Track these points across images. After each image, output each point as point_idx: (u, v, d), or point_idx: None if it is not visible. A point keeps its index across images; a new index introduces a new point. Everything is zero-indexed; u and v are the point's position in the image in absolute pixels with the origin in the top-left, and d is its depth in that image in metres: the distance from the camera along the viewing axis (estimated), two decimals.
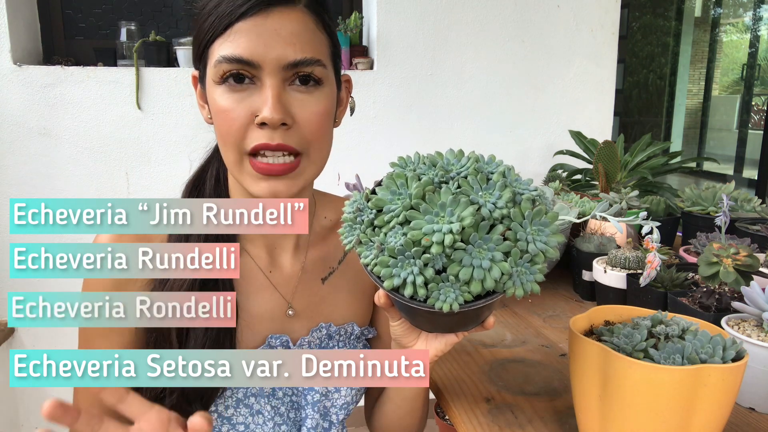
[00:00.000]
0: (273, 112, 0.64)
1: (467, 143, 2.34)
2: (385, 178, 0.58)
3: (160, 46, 2.08)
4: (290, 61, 0.66)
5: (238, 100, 0.66)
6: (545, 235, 0.53)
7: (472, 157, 0.58)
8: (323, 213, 0.85)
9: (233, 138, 0.67)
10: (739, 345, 0.61)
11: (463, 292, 0.53)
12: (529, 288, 0.53)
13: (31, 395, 2.16)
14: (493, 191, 0.54)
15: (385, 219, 0.55)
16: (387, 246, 0.53)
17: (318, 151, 0.71)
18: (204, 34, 0.68)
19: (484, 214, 0.53)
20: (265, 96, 0.65)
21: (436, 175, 0.56)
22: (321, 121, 0.69)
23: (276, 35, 0.65)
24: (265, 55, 0.65)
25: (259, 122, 0.65)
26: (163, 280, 0.70)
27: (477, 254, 0.52)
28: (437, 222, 0.52)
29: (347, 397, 0.81)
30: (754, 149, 3.12)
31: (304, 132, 0.68)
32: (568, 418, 0.76)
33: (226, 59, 0.65)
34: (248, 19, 0.65)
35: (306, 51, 0.67)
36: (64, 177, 2.02)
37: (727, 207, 0.96)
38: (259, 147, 0.66)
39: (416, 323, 0.65)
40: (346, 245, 0.57)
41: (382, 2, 2.17)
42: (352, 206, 0.58)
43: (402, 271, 0.53)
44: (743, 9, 3.63)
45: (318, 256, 0.83)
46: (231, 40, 0.65)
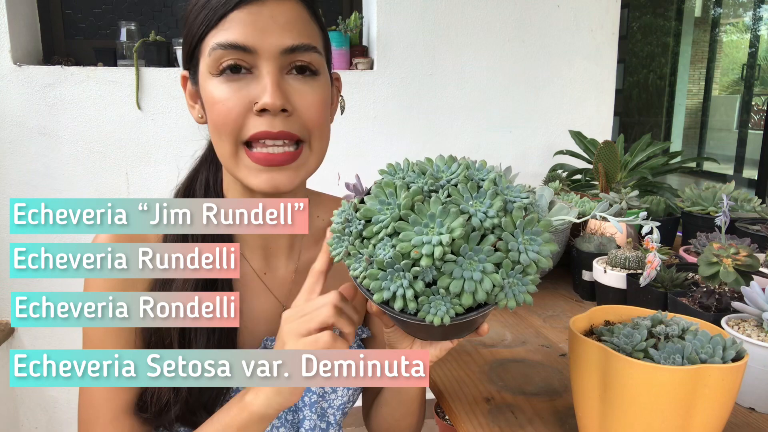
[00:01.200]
0: (274, 97, 0.63)
1: (467, 143, 2.34)
2: (374, 187, 0.57)
3: (160, 46, 2.08)
4: (287, 46, 0.65)
5: (235, 89, 0.65)
6: (537, 244, 0.52)
7: (463, 164, 0.56)
8: (316, 213, 0.85)
9: (230, 128, 0.65)
10: (739, 345, 0.61)
11: (455, 304, 0.52)
12: (521, 299, 0.52)
13: (31, 395, 2.16)
14: (484, 199, 0.53)
15: (374, 230, 0.53)
16: (376, 258, 0.52)
17: (319, 140, 0.70)
18: (196, 29, 0.67)
19: (475, 224, 0.52)
20: (263, 83, 0.64)
21: (425, 184, 0.55)
22: (320, 110, 0.68)
23: (272, 22, 0.65)
24: (262, 41, 0.64)
25: (258, 109, 0.64)
26: (167, 281, 0.70)
27: (468, 266, 0.51)
28: (426, 233, 0.51)
29: (344, 398, 0.81)
30: (754, 149, 3.12)
31: (305, 120, 0.67)
32: (568, 418, 0.76)
33: (221, 45, 0.64)
34: (243, 8, 0.64)
35: (303, 37, 0.66)
36: (64, 177, 2.02)
37: (727, 207, 0.96)
38: (260, 135, 0.65)
39: (410, 332, 0.65)
40: (334, 257, 0.57)
41: (382, 2, 2.17)
42: (341, 217, 0.57)
43: (391, 284, 0.52)
44: (743, 9, 3.63)
45: (311, 258, 0.82)
46: (225, 28, 0.64)
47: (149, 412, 0.70)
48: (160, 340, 0.70)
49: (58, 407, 2.18)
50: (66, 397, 2.16)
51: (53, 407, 2.18)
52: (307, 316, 0.59)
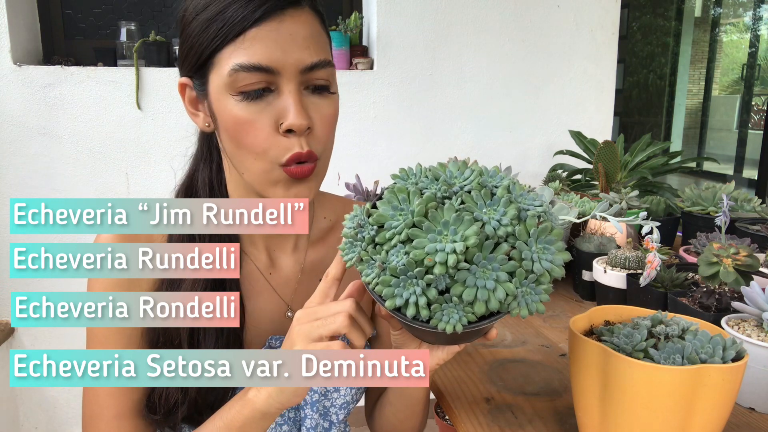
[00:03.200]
0: (299, 118, 0.64)
1: (467, 143, 2.34)
2: (387, 192, 0.57)
3: (160, 46, 2.08)
4: (307, 65, 0.65)
5: (259, 109, 0.65)
6: (551, 253, 0.52)
7: (476, 170, 0.56)
8: (322, 213, 0.85)
9: (261, 148, 0.66)
10: (739, 345, 0.61)
11: (467, 313, 0.51)
12: (534, 308, 0.52)
13: (31, 395, 2.16)
14: (498, 207, 0.52)
15: (387, 236, 0.53)
16: (389, 265, 0.52)
17: (328, 152, 0.72)
18: (209, 41, 0.65)
19: (489, 232, 0.51)
20: (286, 103, 0.65)
21: (438, 190, 0.54)
22: (333, 123, 0.70)
23: (292, 40, 0.64)
24: (284, 61, 0.64)
25: (285, 129, 0.65)
26: (174, 281, 0.70)
27: (481, 274, 0.51)
28: (440, 241, 0.51)
29: (347, 397, 0.81)
30: (754, 149, 3.12)
31: (320, 135, 0.68)
32: (568, 418, 0.76)
33: (244, 68, 0.63)
34: (263, 24, 0.63)
35: (320, 53, 0.67)
36: (64, 177, 2.03)
37: (727, 207, 0.96)
38: (293, 159, 0.66)
39: (418, 335, 0.65)
40: (347, 263, 0.56)
41: (382, 2, 2.17)
42: (353, 221, 0.56)
43: (404, 291, 0.52)
44: (743, 9, 3.63)
45: (317, 257, 0.82)
46: (246, 47, 0.63)
47: (158, 413, 0.70)
48: (169, 340, 0.70)
49: (58, 407, 2.18)
50: (66, 397, 2.16)
51: (53, 407, 2.18)
52: (320, 321, 0.58)
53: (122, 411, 0.71)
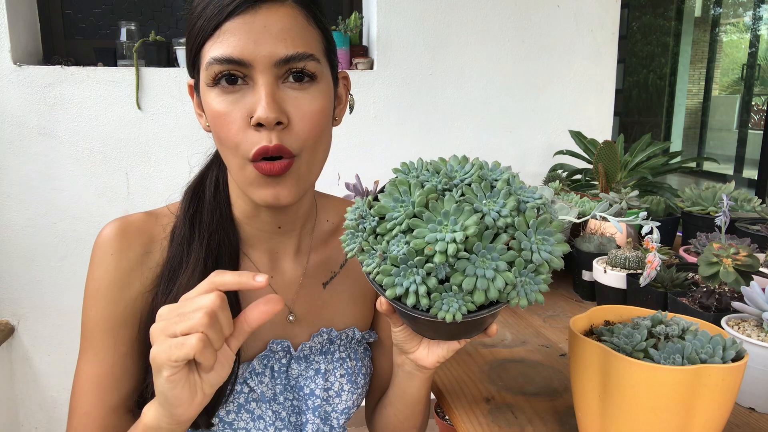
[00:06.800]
0: (267, 110, 0.62)
1: (467, 143, 2.34)
2: (388, 185, 0.57)
3: (160, 46, 2.08)
4: (281, 57, 0.64)
5: (233, 102, 0.64)
6: (550, 244, 0.52)
7: (476, 164, 0.57)
8: (325, 216, 0.85)
9: (233, 142, 0.65)
10: (739, 345, 0.60)
11: (467, 302, 0.52)
12: (533, 298, 0.53)
13: (32, 395, 2.16)
14: (497, 199, 0.53)
15: (388, 227, 0.54)
16: (389, 254, 0.52)
17: (312, 152, 0.68)
18: (194, 38, 0.66)
19: (488, 223, 0.52)
20: (258, 95, 0.63)
21: (439, 182, 0.55)
22: (317, 119, 0.67)
23: (265, 32, 0.63)
24: (255, 53, 0.63)
25: (254, 123, 0.63)
26: (172, 275, 0.70)
27: (481, 264, 0.51)
28: (440, 230, 0.51)
29: (348, 402, 0.81)
30: (754, 149, 3.12)
31: (298, 131, 0.66)
32: (568, 418, 0.76)
33: (217, 60, 0.63)
34: (236, 17, 0.63)
35: (297, 46, 0.65)
36: (64, 177, 2.03)
37: (727, 207, 0.96)
38: (259, 153, 0.64)
39: (418, 330, 0.65)
40: (347, 253, 0.56)
41: (382, 2, 2.17)
42: (355, 213, 0.57)
43: (404, 280, 0.52)
44: (743, 9, 3.63)
45: (319, 261, 0.82)
46: (220, 40, 0.64)
47: None
48: None
49: (58, 407, 2.18)
50: (66, 397, 2.16)
51: (53, 407, 2.18)
52: (179, 317, 0.52)
53: (111, 406, 0.71)
